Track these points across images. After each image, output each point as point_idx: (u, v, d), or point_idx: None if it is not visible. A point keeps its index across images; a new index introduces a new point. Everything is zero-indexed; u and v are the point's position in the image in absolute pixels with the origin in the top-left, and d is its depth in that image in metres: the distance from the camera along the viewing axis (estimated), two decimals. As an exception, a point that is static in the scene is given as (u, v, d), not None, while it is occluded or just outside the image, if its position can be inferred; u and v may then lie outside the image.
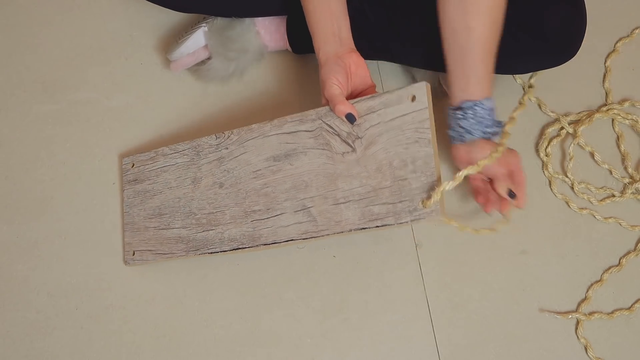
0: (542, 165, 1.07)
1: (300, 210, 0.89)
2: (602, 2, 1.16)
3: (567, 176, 1.06)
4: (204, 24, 1.05)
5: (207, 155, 0.97)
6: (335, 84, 0.85)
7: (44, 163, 1.09)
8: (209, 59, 1.07)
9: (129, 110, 1.11)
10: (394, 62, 1.05)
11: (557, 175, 1.06)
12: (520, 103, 1.04)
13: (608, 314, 0.99)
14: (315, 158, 0.88)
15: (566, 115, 1.09)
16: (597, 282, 1.01)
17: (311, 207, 0.88)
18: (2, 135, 1.10)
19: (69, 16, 1.17)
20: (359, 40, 1.02)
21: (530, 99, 1.10)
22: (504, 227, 1.03)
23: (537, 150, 1.08)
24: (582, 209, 1.04)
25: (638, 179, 1.05)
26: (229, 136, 0.96)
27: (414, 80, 1.10)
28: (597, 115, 1.07)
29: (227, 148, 0.96)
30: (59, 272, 1.03)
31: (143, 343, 1.00)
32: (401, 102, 0.82)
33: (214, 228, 0.95)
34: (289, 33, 1.07)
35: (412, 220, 0.81)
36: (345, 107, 0.83)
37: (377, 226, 0.83)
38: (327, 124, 0.88)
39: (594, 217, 1.04)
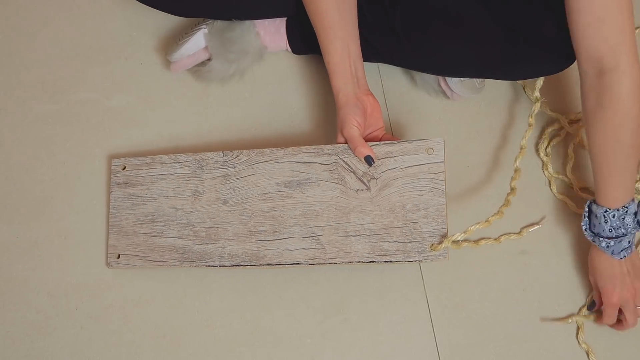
0: (542, 165, 1.07)
1: (309, 237, 0.93)
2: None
3: (567, 176, 1.06)
4: (204, 26, 1.05)
5: (211, 170, 0.98)
6: (355, 126, 0.90)
7: (44, 163, 1.09)
8: (209, 60, 1.07)
9: (129, 110, 1.11)
10: (393, 64, 1.05)
11: (557, 175, 1.06)
12: (529, 125, 1.03)
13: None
14: (328, 190, 0.93)
15: (566, 115, 1.09)
16: (597, 282, 1.01)
17: (321, 235, 0.92)
18: (2, 135, 1.10)
19: (69, 16, 1.17)
20: (360, 43, 1.02)
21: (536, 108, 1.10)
22: (504, 227, 1.03)
23: (537, 150, 1.08)
24: (583, 208, 1.04)
25: (637, 180, 1.05)
26: (237, 155, 0.97)
27: (412, 81, 1.10)
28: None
29: (234, 167, 0.97)
30: (59, 272, 1.03)
31: (143, 343, 1.00)
32: (418, 153, 0.90)
33: (214, 242, 0.96)
34: (288, 34, 1.07)
35: (419, 260, 0.89)
36: (365, 150, 0.90)
37: (386, 261, 0.90)
38: (343, 161, 0.93)
39: (594, 217, 1.04)
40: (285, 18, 1.07)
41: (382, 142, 0.92)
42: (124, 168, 1.03)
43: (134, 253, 0.99)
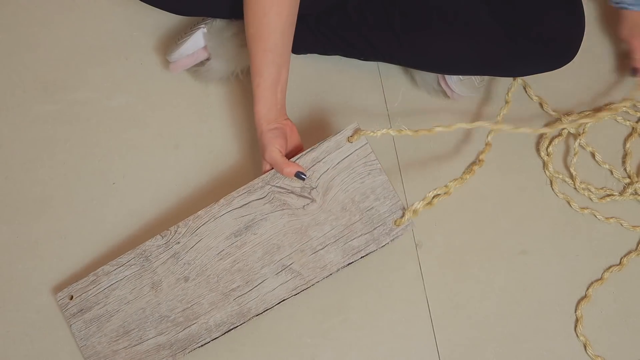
0: (543, 164, 1.07)
1: (281, 271, 0.92)
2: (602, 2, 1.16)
3: (570, 171, 1.06)
4: (203, 25, 1.05)
5: (158, 257, 0.95)
6: (277, 149, 0.91)
7: (44, 163, 1.09)
8: (208, 59, 1.07)
9: (129, 110, 1.11)
10: (393, 62, 1.05)
11: (557, 175, 1.06)
12: (506, 102, 1.04)
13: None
14: (277, 220, 0.92)
15: (567, 114, 1.09)
16: (597, 280, 1.01)
17: (291, 264, 0.92)
18: (2, 135, 1.10)
19: (69, 16, 1.17)
20: (359, 42, 1.02)
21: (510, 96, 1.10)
22: (504, 227, 1.03)
23: (537, 150, 1.08)
24: (584, 208, 1.04)
25: (637, 180, 1.05)
26: (176, 230, 0.94)
27: (412, 80, 1.10)
28: (602, 113, 1.07)
29: (178, 242, 0.94)
30: (59, 272, 1.03)
31: (143, 343, 1.00)
32: (341, 146, 0.91)
33: (195, 322, 0.93)
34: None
35: (391, 240, 0.91)
36: (293, 168, 0.90)
37: (362, 256, 0.91)
38: (276, 187, 0.92)
39: (595, 216, 1.04)
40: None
41: (304, 152, 0.92)
42: (72, 297, 0.97)
43: None
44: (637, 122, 1.08)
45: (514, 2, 0.94)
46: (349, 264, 0.91)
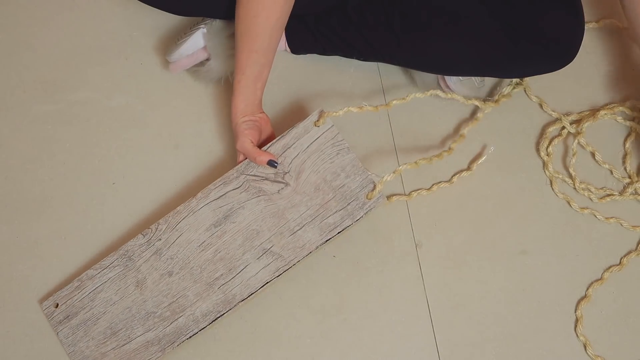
0: (543, 164, 1.07)
1: (262, 254, 0.95)
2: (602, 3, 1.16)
3: (569, 172, 1.06)
4: (202, 25, 1.05)
5: (141, 255, 0.96)
6: (249, 139, 0.95)
7: (44, 163, 1.09)
8: (208, 60, 1.07)
9: (129, 110, 1.11)
10: (393, 63, 1.05)
11: (557, 175, 1.06)
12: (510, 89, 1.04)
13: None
14: (254, 207, 0.96)
15: (567, 114, 1.09)
16: (597, 280, 1.01)
17: (271, 247, 0.94)
18: (2, 135, 1.10)
19: (69, 16, 1.17)
20: (359, 42, 1.02)
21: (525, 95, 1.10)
22: (504, 227, 1.03)
23: (537, 150, 1.08)
24: (584, 208, 1.04)
25: (637, 180, 1.05)
26: (157, 228, 0.97)
27: (412, 80, 1.10)
28: (602, 112, 1.07)
29: (159, 239, 0.96)
30: (59, 272, 1.03)
31: (143, 343, 1.00)
32: (309, 131, 0.96)
33: (182, 314, 0.94)
34: (287, 34, 1.07)
35: (365, 213, 0.94)
36: (265, 157, 0.94)
37: (339, 232, 0.95)
38: (251, 175, 0.96)
39: (595, 216, 1.04)
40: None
41: (275, 140, 0.96)
42: (57, 305, 0.98)
43: None
44: (632, 120, 1.08)
45: (513, 3, 0.94)
46: (327, 240, 0.94)
